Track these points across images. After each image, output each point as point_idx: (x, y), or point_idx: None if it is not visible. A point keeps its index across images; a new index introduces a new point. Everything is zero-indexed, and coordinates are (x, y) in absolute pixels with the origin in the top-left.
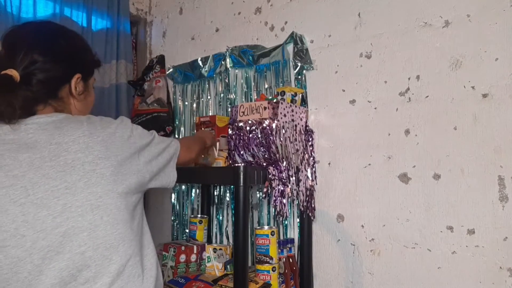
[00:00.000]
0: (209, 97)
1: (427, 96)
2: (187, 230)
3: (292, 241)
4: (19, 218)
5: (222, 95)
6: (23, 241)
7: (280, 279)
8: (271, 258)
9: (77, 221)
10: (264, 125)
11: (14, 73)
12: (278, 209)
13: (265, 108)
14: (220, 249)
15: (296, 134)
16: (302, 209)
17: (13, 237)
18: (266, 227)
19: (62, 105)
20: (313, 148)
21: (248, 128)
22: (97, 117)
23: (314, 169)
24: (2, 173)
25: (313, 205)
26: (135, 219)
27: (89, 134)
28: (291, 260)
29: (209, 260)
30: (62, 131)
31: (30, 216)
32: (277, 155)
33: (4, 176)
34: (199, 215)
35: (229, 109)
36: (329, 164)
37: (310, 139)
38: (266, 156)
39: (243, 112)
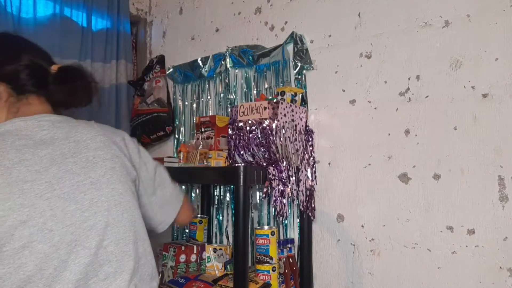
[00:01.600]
0: (209, 97)
1: (427, 96)
2: (187, 230)
3: (292, 241)
4: (47, 212)
5: (222, 95)
6: (51, 235)
7: (280, 279)
8: (271, 258)
9: (103, 216)
10: (264, 125)
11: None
12: (278, 209)
13: (265, 108)
14: (220, 249)
15: (296, 134)
16: (302, 209)
17: (41, 232)
18: (266, 227)
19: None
20: (313, 148)
21: (248, 128)
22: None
23: (314, 169)
24: (23, 168)
25: (313, 205)
26: (142, 219)
27: (103, 134)
28: (291, 260)
29: (209, 260)
30: (78, 130)
31: (58, 210)
32: (277, 155)
33: (26, 170)
34: (199, 215)
35: (229, 109)
36: (329, 164)
37: (310, 139)
38: (266, 156)
39: (243, 112)
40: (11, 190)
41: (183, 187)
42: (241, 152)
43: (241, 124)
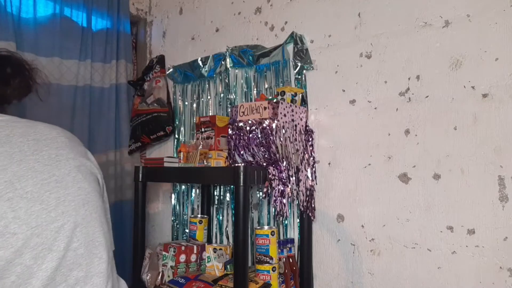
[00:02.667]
0: (209, 97)
1: (427, 96)
2: (187, 230)
3: (292, 241)
4: (8, 214)
5: (222, 95)
6: (14, 240)
7: (280, 279)
8: (271, 258)
9: (71, 216)
10: (264, 125)
11: None
12: (278, 209)
13: (265, 108)
14: (220, 249)
15: (296, 134)
16: (302, 209)
17: (1, 237)
18: (266, 227)
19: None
20: (313, 148)
21: (248, 128)
22: None
23: (314, 169)
24: None
25: (313, 205)
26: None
27: (65, 136)
28: (291, 260)
29: (209, 260)
30: (37, 129)
31: (21, 211)
32: (277, 155)
33: None
34: (199, 215)
35: (229, 109)
36: (329, 164)
37: (310, 139)
38: (266, 156)
39: (243, 112)
40: None
41: (183, 186)
42: (241, 152)
43: (241, 124)
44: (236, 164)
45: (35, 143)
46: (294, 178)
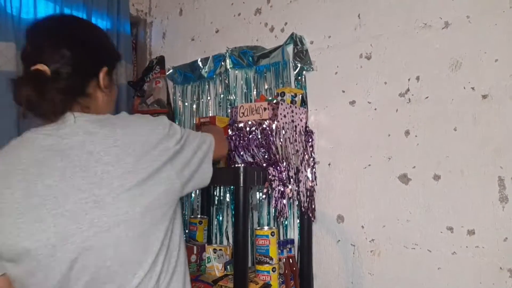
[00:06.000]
0: (209, 98)
1: (427, 97)
2: (187, 231)
3: (292, 241)
4: (51, 229)
5: (222, 96)
6: (53, 251)
7: (280, 279)
8: (271, 259)
9: (103, 237)
10: (264, 126)
11: (45, 68)
12: (278, 209)
13: (265, 109)
14: (220, 249)
15: (296, 135)
16: (302, 209)
17: (45, 247)
18: (266, 227)
19: (89, 101)
20: (313, 149)
21: (248, 129)
22: (132, 117)
23: (314, 169)
24: (39, 182)
25: (313, 206)
26: (163, 231)
27: (121, 144)
28: (291, 261)
29: (209, 260)
30: (94, 138)
31: (61, 227)
32: (277, 156)
33: (41, 185)
34: (199, 216)
35: (229, 110)
36: (329, 164)
37: (310, 140)
38: (266, 156)
39: (243, 113)
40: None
41: None
42: (241, 153)
43: (241, 125)
44: (236, 165)
45: (87, 157)
46: (294, 178)
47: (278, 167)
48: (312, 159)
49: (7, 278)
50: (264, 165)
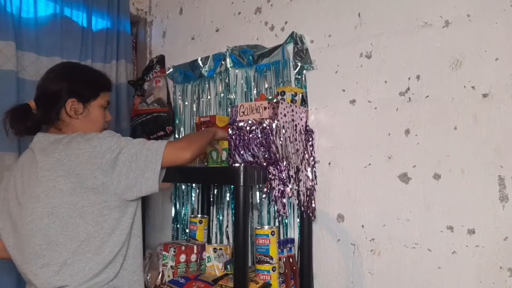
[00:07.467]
0: (209, 97)
1: (427, 96)
2: (187, 230)
3: (292, 241)
4: (19, 212)
5: (222, 95)
6: (20, 225)
7: (280, 279)
8: (271, 258)
9: (38, 222)
10: (264, 125)
11: (32, 103)
12: (278, 209)
13: (265, 108)
14: (220, 249)
15: (296, 134)
16: (302, 209)
17: (19, 222)
18: (266, 227)
19: (61, 124)
20: (313, 148)
21: (248, 128)
22: (81, 136)
23: (314, 169)
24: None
25: (313, 205)
26: (99, 224)
27: (58, 157)
28: (291, 260)
29: (209, 260)
30: (45, 153)
31: (22, 211)
32: (277, 155)
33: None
34: (199, 215)
35: (229, 109)
36: (329, 164)
37: (310, 139)
38: (266, 156)
39: (243, 112)
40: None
41: (183, 186)
42: (241, 152)
43: (241, 124)
44: (236, 164)
45: (36, 166)
46: (294, 178)
47: (278, 166)
48: (312, 158)
49: (1, 242)
50: (264, 164)
